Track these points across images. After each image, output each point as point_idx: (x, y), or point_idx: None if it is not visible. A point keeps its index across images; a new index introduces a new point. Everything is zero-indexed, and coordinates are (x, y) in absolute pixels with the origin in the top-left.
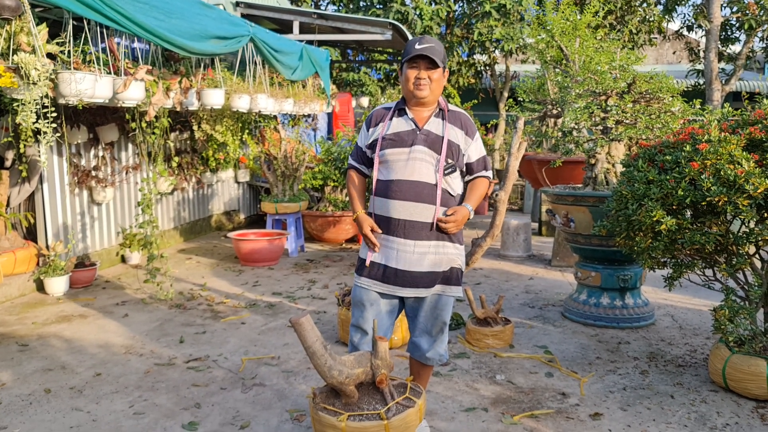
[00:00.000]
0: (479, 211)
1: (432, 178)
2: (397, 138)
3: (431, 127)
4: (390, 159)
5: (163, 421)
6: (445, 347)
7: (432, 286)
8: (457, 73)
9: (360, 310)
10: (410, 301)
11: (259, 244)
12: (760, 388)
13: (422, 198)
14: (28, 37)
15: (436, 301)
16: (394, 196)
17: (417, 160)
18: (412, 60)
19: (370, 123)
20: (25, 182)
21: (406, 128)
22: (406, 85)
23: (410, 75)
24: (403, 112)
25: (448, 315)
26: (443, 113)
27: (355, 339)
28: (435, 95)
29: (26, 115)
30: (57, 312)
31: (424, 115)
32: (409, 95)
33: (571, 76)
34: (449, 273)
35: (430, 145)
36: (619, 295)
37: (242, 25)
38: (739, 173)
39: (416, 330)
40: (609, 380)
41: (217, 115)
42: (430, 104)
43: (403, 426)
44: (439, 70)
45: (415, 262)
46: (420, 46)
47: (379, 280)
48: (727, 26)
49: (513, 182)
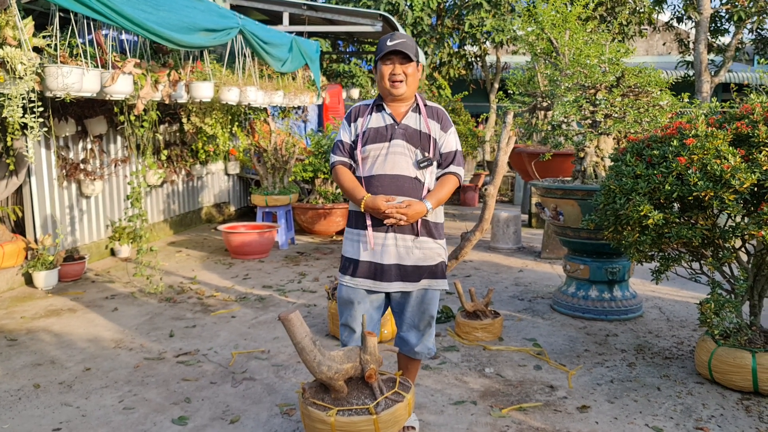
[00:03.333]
0: (469, 203)
1: (412, 172)
2: (376, 133)
3: (409, 121)
4: (371, 154)
5: (153, 416)
6: (432, 341)
7: (418, 281)
8: (447, 64)
9: (348, 309)
10: (396, 297)
11: (250, 236)
12: (745, 381)
13: (403, 191)
14: (13, 31)
15: (423, 296)
16: (376, 190)
17: (396, 154)
18: (385, 57)
19: (350, 118)
20: (13, 175)
21: (384, 123)
22: (381, 82)
23: (385, 72)
24: (381, 108)
25: (435, 309)
26: (420, 108)
27: (344, 336)
28: (411, 90)
29: (12, 109)
30: (46, 306)
31: (402, 110)
32: (386, 92)
33: (560, 69)
34: (435, 267)
35: (408, 139)
36: (608, 288)
37: (231, 18)
38: (726, 168)
39: (403, 325)
40: (597, 373)
41: (207, 108)
42: (407, 99)
43: (392, 420)
44: (413, 64)
45: (400, 256)
46: (392, 42)
47: (365, 276)
48: (717, 17)
49: (502, 176)
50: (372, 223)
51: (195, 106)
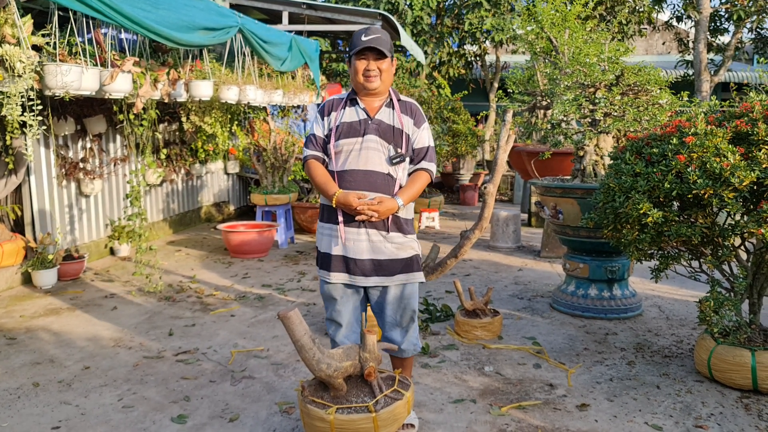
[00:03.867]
0: (468, 202)
1: (384, 168)
2: (349, 128)
3: (382, 116)
4: (344, 149)
5: (152, 414)
6: (416, 335)
7: (394, 275)
8: (447, 63)
9: (331, 304)
10: (375, 295)
11: (249, 235)
12: (745, 379)
13: (376, 187)
14: (12, 29)
15: (402, 291)
16: (349, 185)
17: (369, 149)
18: (360, 52)
19: (324, 112)
20: (12, 174)
21: (357, 118)
22: (355, 77)
23: (359, 67)
24: (355, 102)
25: (416, 302)
26: (393, 103)
27: (330, 331)
28: (385, 85)
29: (11, 107)
30: (45, 305)
31: (375, 105)
32: (360, 87)
33: (560, 68)
34: (410, 260)
35: (381, 134)
36: (607, 287)
37: (230, 16)
38: (725, 166)
39: (386, 325)
40: (596, 371)
41: (206, 107)
42: (381, 94)
43: (391, 418)
44: (388, 60)
45: (373, 251)
46: (367, 37)
47: (340, 271)
48: (716, 17)
49: (502, 174)
50: (344, 219)
51: (194, 105)
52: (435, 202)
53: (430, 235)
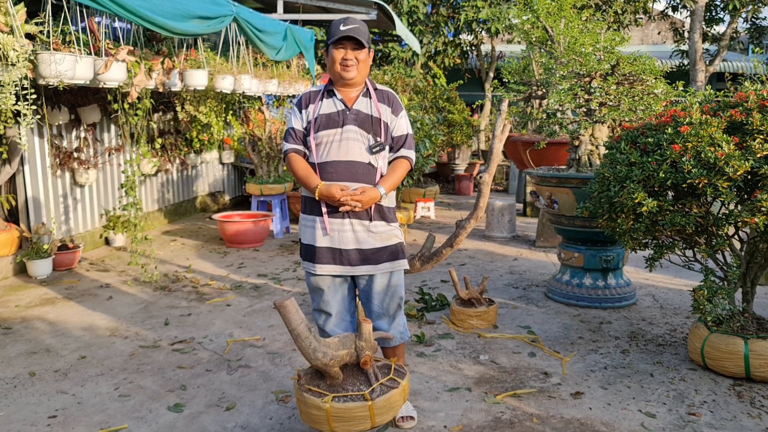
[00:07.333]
0: (464, 192)
1: (365, 157)
2: (328, 119)
3: (360, 106)
4: (324, 140)
5: (149, 403)
6: (404, 323)
7: (380, 263)
8: (442, 53)
9: (319, 295)
10: (362, 284)
11: (244, 225)
12: (737, 367)
13: (357, 177)
14: (5, 17)
15: (389, 279)
16: (330, 177)
17: (349, 140)
18: (337, 42)
19: (301, 105)
20: (6, 164)
21: (336, 109)
22: (333, 66)
23: (337, 56)
24: (332, 93)
25: (402, 289)
26: (370, 92)
27: (319, 321)
28: (362, 75)
29: (5, 97)
30: (40, 295)
31: (353, 95)
32: (337, 77)
33: (555, 58)
34: (395, 248)
35: (360, 124)
36: (602, 276)
37: (225, 5)
38: (720, 155)
39: (373, 314)
40: (590, 359)
41: (201, 96)
42: (358, 84)
43: (387, 406)
44: (365, 50)
45: (358, 241)
46: (345, 27)
47: (328, 262)
48: (712, 7)
49: (497, 164)
50: (327, 210)
51: (189, 95)
52: (430, 192)
53: (426, 225)
